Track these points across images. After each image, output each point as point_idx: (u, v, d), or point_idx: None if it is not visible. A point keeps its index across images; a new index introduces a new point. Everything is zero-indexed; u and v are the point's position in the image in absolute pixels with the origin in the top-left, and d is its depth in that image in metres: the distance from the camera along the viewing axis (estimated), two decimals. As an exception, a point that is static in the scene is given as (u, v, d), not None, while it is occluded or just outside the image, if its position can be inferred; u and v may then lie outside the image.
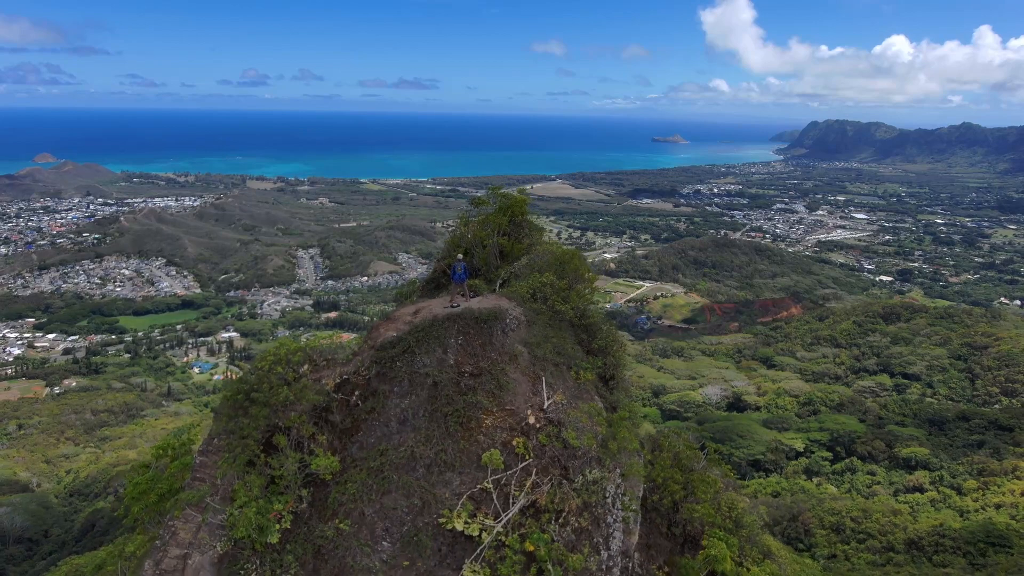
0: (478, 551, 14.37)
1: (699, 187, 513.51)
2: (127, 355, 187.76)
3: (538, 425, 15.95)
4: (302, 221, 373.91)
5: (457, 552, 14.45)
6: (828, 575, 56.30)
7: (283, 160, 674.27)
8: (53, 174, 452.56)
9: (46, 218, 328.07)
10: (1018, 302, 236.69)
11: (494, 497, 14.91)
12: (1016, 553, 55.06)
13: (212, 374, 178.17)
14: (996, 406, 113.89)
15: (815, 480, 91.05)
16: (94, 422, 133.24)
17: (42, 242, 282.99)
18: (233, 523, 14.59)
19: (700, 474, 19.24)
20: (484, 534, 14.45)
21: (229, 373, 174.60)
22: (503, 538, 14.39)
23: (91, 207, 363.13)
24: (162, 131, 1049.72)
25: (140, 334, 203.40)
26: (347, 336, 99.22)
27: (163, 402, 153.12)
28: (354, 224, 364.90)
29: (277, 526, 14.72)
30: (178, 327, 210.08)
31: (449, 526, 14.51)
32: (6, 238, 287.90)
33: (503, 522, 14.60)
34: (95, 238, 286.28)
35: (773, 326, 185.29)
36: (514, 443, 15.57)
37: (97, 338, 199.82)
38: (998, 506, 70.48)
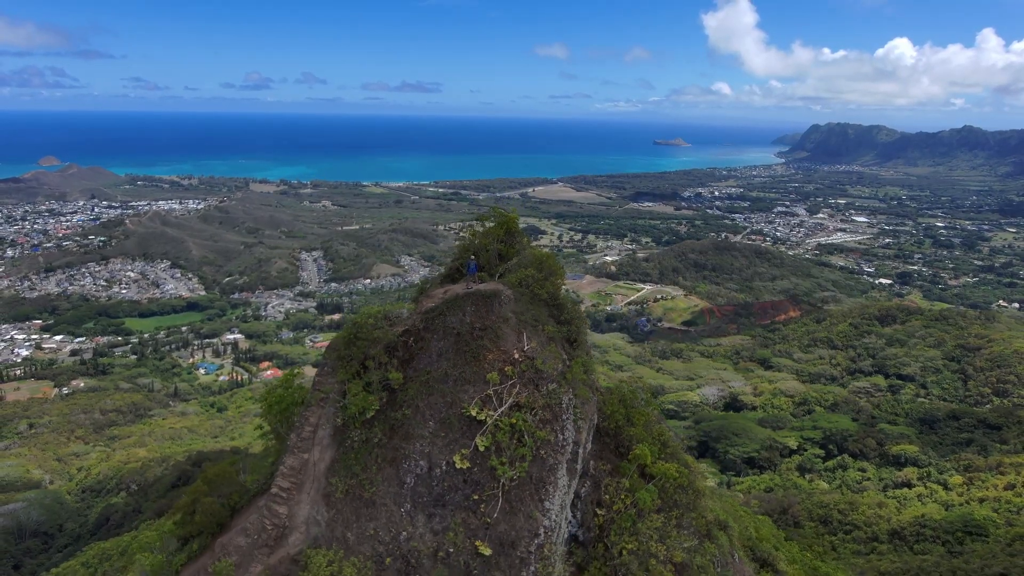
0: (484, 428, 23.83)
1: (700, 190, 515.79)
2: (133, 356, 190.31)
3: (520, 359, 25.56)
4: (305, 224, 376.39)
5: (473, 429, 24.02)
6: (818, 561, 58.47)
7: (286, 163, 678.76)
8: (58, 177, 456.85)
9: (51, 221, 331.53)
10: (1016, 304, 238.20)
11: (494, 399, 24.53)
12: (992, 541, 57.51)
13: (217, 375, 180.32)
14: (987, 406, 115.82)
15: (808, 476, 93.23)
16: (103, 421, 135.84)
17: (48, 245, 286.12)
18: (347, 405, 24.58)
19: (637, 409, 29.03)
20: (488, 419, 23.96)
21: (235, 374, 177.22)
22: (499, 422, 23.99)
23: (96, 210, 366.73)
24: (166, 134, 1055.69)
25: (146, 336, 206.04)
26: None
27: (170, 402, 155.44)
28: (356, 227, 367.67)
29: (373, 407, 24.67)
30: (183, 329, 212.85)
31: (467, 414, 24.04)
32: (12, 241, 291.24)
33: (499, 413, 24.17)
34: (100, 241, 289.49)
35: (771, 328, 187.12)
36: (506, 369, 25.11)
37: (104, 339, 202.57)
38: (981, 500, 72.66)
